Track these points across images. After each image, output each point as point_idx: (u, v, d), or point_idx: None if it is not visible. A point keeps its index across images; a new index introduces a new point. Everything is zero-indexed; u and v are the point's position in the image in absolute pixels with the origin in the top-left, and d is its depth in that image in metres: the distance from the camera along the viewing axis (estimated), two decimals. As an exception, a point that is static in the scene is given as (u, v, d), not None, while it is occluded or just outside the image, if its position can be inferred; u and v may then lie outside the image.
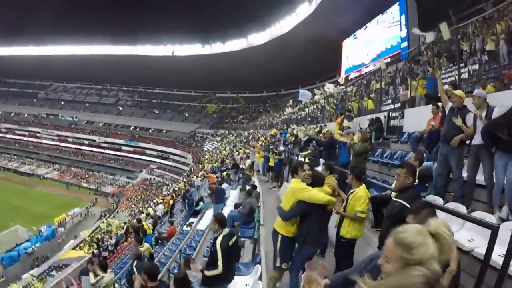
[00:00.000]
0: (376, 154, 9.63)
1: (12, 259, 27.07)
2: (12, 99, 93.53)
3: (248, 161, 18.11)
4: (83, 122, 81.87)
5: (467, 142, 5.19)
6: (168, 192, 35.46)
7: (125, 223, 30.12)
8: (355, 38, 39.73)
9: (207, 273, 4.81)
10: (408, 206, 3.41)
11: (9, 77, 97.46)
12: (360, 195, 4.72)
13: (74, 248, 30.20)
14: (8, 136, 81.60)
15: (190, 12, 65.20)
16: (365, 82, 19.27)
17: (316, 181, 4.72)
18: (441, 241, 1.53)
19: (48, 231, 32.88)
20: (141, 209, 37.07)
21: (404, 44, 29.50)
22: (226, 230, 4.98)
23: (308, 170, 4.74)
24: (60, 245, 32.15)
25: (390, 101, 14.95)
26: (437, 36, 12.54)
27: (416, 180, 4.52)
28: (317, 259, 3.00)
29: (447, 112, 5.52)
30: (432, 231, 1.55)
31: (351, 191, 4.92)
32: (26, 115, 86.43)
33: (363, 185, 4.90)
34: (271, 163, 14.72)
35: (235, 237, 5.14)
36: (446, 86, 9.84)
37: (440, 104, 7.56)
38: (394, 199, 4.07)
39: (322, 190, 4.65)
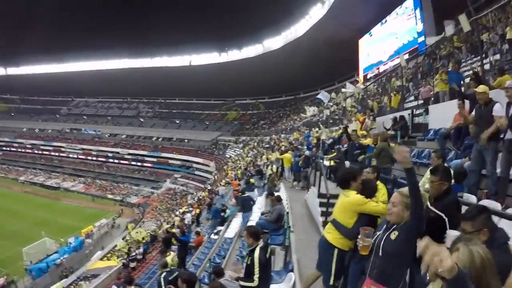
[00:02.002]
0: None
1: (41, 271, 27.94)
2: (36, 116, 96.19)
3: (270, 167, 18.06)
4: (106, 135, 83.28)
5: (502, 136, 5.03)
6: (194, 201, 35.61)
7: (151, 232, 30.59)
8: (371, 35, 39.34)
9: (242, 283, 4.78)
10: (445, 218, 3.24)
11: (32, 95, 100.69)
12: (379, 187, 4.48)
13: (101, 259, 30.87)
14: (33, 151, 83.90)
15: (206, 21, 65.76)
16: (384, 80, 19.00)
17: (366, 190, 4.21)
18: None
19: (75, 242, 33.51)
20: (167, 218, 37.49)
21: (421, 39, 28.98)
22: (261, 243, 4.88)
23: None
24: (87, 256, 32.74)
25: (413, 97, 14.71)
26: (457, 28, 12.28)
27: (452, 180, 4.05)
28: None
29: (474, 110, 5.43)
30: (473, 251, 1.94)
31: None
32: (50, 130, 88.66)
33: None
34: (286, 164, 14.73)
35: (269, 249, 5.08)
36: (467, 80, 9.77)
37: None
38: (430, 207, 3.45)
39: (377, 200, 4.19)
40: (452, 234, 2.99)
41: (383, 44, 35.75)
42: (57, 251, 32.09)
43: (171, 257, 9.23)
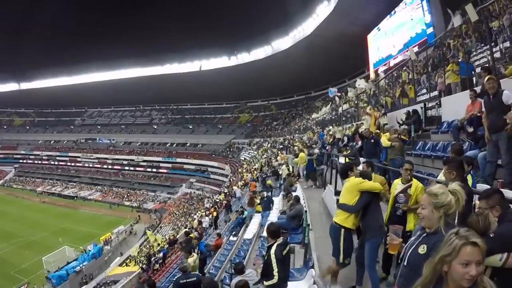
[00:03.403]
0: (417, 148, 9.44)
1: (61, 278, 28.28)
2: (51, 128, 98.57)
3: (284, 167, 18.09)
4: (121, 144, 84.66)
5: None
6: (211, 204, 35.79)
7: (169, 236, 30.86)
8: (379, 30, 39.02)
9: (265, 283, 4.85)
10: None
11: (46, 107, 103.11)
12: (422, 186, 4.83)
13: (120, 265, 31.44)
14: (50, 163, 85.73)
15: (214, 26, 66.09)
16: (395, 74, 18.86)
17: (364, 178, 5.05)
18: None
19: (94, 249, 33.75)
20: (184, 222, 37.71)
21: (430, 30, 28.64)
22: (280, 240, 4.99)
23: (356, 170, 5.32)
24: (107, 262, 33.12)
25: (425, 90, 14.57)
26: (464, 18, 12.17)
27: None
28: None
29: (483, 102, 5.43)
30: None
31: (409, 184, 4.96)
32: (65, 141, 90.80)
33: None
34: (301, 163, 14.76)
35: (288, 246, 5.13)
36: (478, 69, 9.71)
37: (477, 89, 7.41)
38: None
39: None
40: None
41: (392, 38, 35.42)
42: (76, 259, 32.59)
43: (193, 258, 9.30)
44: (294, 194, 11.16)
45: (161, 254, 24.17)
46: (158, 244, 30.65)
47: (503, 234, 2.66)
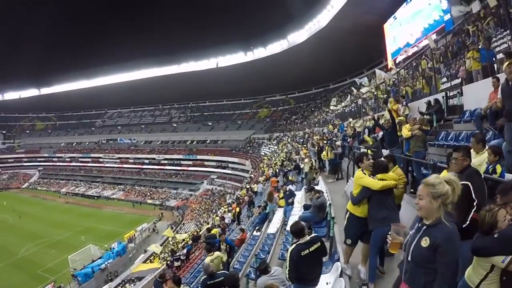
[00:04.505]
0: (440, 138, 9.31)
1: (87, 276, 29.22)
2: (72, 131, 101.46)
3: (307, 160, 18.07)
4: (141, 143, 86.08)
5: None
6: (232, 200, 36.01)
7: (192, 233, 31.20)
8: (395, 19, 38.36)
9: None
10: (469, 184, 3.41)
11: (66, 111, 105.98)
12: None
13: (144, 262, 31.91)
14: (73, 164, 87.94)
15: (229, 23, 66.33)
16: (414, 63, 18.58)
17: (378, 169, 5.17)
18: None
19: (119, 247, 34.64)
20: (206, 219, 38.01)
21: (447, 17, 27.99)
22: (305, 239, 4.94)
23: (370, 159, 5.44)
24: (131, 259, 34.00)
25: (445, 79, 14.32)
26: (483, 4, 11.92)
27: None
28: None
29: (500, 88, 5.34)
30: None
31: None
32: (87, 143, 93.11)
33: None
34: (328, 156, 14.73)
35: (316, 246, 4.98)
36: (500, 55, 9.52)
37: (499, 76, 7.29)
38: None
39: (386, 177, 5.03)
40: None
41: (409, 26, 34.75)
42: (101, 257, 33.49)
43: (212, 257, 9.21)
44: (316, 188, 11.15)
45: (185, 250, 24.47)
46: (183, 240, 31.05)
47: (506, 236, 2.61)
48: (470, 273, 2.84)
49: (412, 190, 6.84)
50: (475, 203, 3.32)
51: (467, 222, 3.25)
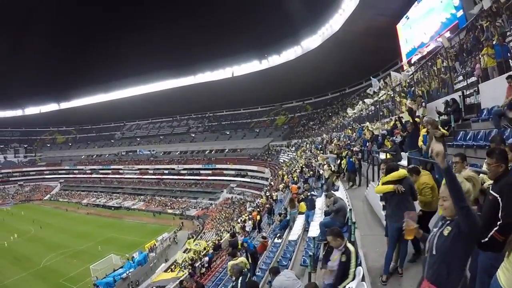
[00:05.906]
0: (458, 138, 9.13)
1: (108, 285, 29.45)
2: (92, 143, 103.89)
3: (326, 167, 17.99)
4: (161, 154, 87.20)
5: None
6: (252, 208, 36.03)
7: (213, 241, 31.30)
8: (408, 18, 38.02)
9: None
10: (498, 198, 3.11)
11: (86, 124, 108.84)
12: None
13: (165, 271, 32.14)
14: (93, 176, 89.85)
15: (243, 32, 66.82)
16: (429, 63, 18.39)
17: (389, 170, 5.44)
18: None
19: (140, 257, 34.90)
20: (227, 227, 38.11)
21: (460, 13, 27.66)
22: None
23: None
24: (152, 269, 34.27)
25: (461, 78, 14.11)
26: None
27: None
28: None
29: None
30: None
31: None
32: (107, 155, 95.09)
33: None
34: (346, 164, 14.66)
35: (349, 252, 5.13)
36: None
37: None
38: (491, 191, 3.33)
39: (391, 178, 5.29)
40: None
41: (422, 26, 34.37)
42: (122, 266, 33.78)
43: (236, 262, 9.30)
44: (336, 194, 11.12)
45: (206, 258, 24.59)
46: (204, 249, 31.20)
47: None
48: (505, 276, 2.48)
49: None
50: (498, 223, 3.03)
51: (486, 239, 3.04)
